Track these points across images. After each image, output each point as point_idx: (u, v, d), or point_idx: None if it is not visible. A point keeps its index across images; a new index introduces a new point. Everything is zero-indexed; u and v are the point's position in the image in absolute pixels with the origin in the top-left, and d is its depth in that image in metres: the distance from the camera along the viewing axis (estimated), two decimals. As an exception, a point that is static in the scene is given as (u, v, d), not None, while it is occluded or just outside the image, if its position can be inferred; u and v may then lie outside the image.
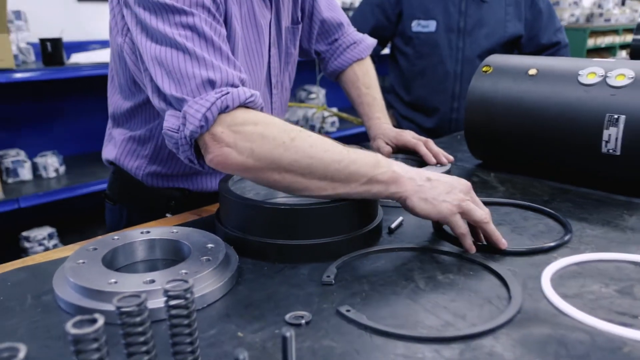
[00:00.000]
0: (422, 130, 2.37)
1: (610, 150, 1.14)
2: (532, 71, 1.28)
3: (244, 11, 1.13)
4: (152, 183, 1.26)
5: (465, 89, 2.19)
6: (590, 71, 1.20)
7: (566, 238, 0.96)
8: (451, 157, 1.32)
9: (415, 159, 1.35)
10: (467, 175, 1.35)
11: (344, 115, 3.79)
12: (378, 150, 1.39)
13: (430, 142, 1.35)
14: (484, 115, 1.33)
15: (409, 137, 1.37)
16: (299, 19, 1.36)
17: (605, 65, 1.20)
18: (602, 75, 1.18)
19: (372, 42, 1.58)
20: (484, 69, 1.37)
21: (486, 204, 1.13)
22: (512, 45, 2.31)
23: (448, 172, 1.22)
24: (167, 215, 1.23)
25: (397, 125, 2.47)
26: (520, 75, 1.30)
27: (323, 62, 1.58)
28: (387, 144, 1.41)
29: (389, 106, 2.51)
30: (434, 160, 1.30)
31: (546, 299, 0.77)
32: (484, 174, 1.36)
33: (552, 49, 2.33)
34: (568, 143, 1.20)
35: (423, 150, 1.32)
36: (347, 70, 1.54)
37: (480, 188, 1.25)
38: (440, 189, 0.91)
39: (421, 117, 2.36)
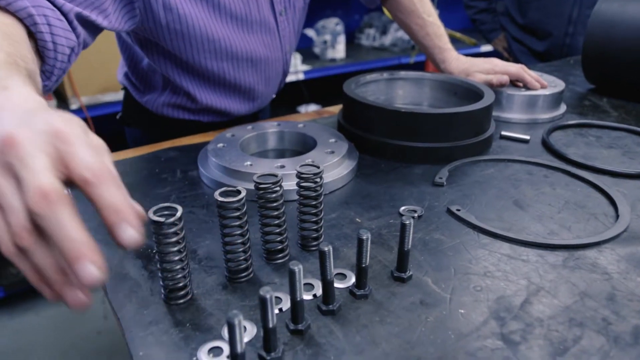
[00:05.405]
0: (532, 54, 2.19)
1: None
2: (666, -4, 1.12)
3: None
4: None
5: (583, 14, 1.97)
6: None
7: (680, 166, 0.86)
8: (545, 83, 1.12)
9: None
10: (579, 99, 1.23)
11: (458, 34, 3.58)
12: (490, 84, 1.10)
13: (524, 67, 1.14)
14: (605, 39, 1.19)
15: (505, 65, 1.14)
16: None
17: None
18: None
19: None
20: (612, -9, 1.21)
21: (597, 127, 1.05)
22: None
23: (561, 94, 1.11)
24: None
25: (508, 47, 2.30)
26: (651, 0, 1.14)
27: None
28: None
29: (502, 28, 2.33)
30: (537, 86, 1.10)
31: (655, 221, 0.71)
32: (596, 99, 1.23)
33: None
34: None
35: (528, 77, 1.11)
36: None
37: (592, 111, 1.14)
38: None
39: (533, 41, 2.17)
